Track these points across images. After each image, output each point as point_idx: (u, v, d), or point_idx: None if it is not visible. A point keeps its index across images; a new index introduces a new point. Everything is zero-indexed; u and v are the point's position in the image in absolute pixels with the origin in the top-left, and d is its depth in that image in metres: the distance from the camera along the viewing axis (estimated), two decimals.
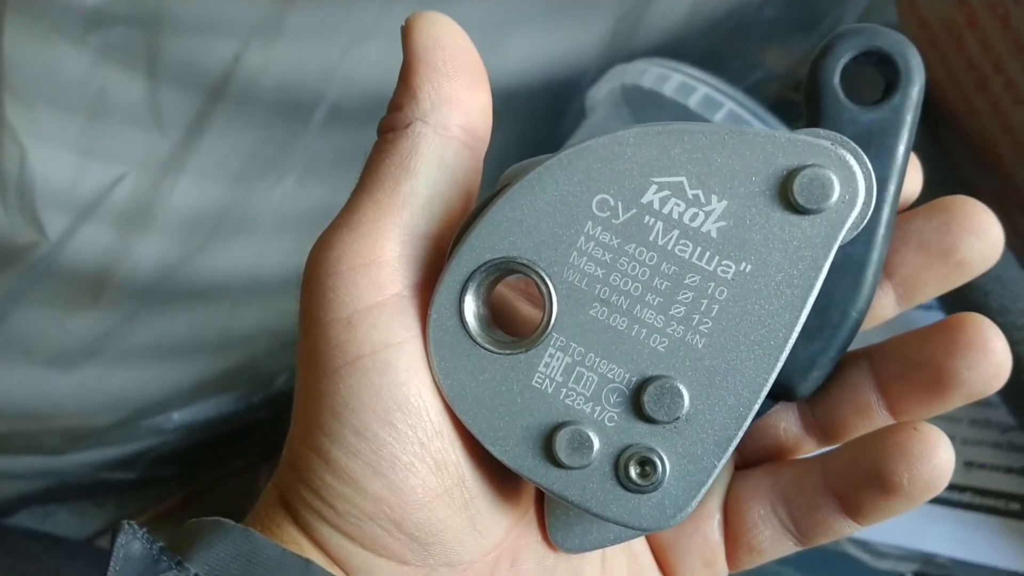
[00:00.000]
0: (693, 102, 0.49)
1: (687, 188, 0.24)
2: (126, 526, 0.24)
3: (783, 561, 0.52)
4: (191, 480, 0.70)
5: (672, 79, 0.49)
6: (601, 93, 0.54)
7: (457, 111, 0.25)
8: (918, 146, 0.53)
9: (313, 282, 0.24)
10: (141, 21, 0.49)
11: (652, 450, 0.24)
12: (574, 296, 0.24)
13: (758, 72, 0.61)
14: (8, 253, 0.54)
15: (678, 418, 0.24)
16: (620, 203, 0.24)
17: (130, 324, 0.59)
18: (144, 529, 0.24)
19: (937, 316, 0.53)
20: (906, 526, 0.50)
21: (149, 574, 0.24)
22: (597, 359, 0.24)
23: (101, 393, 0.62)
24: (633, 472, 0.24)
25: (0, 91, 0.50)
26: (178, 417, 0.64)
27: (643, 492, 0.24)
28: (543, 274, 0.24)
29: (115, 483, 0.68)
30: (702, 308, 0.24)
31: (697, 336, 0.24)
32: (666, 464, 0.24)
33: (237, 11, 0.49)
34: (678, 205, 0.24)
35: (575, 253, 0.24)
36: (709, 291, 0.24)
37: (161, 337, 0.61)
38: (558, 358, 0.24)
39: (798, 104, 0.65)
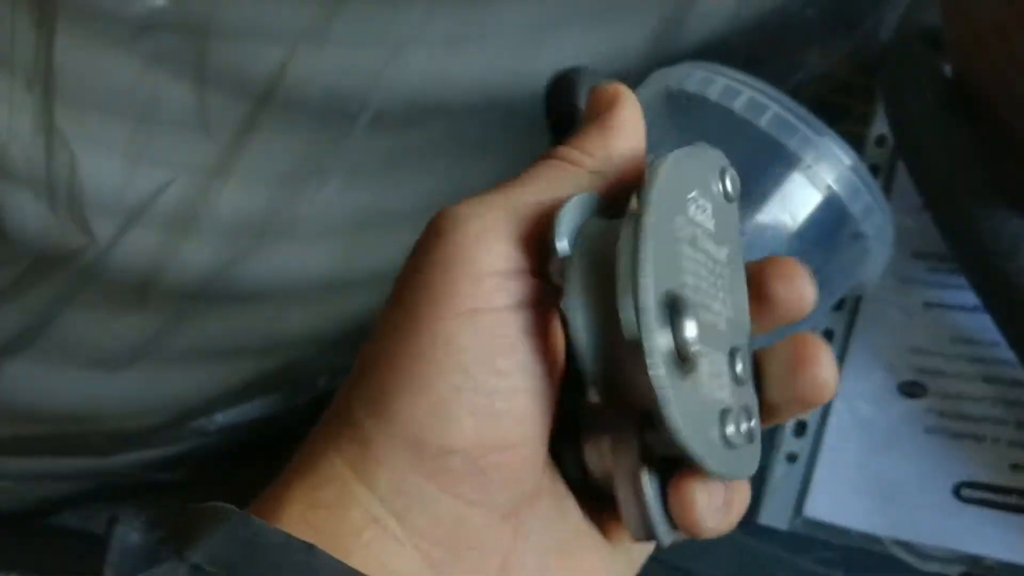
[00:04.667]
0: (738, 106, 0.49)
1: (699, 198, 0.28)
2: (122, 517, 0.25)
3: (829, 563, 0.52)
4: (234, 480, 0.71)
5: (717, 83, 0.50)
6: (643, 97, 0.54)
7: (623, 185, 0.29)
8: (967, 148, 0.53)
9: (450, 239, 0.27)
10: (190, 28, 0.50)
11: (751, 407, 0.28)
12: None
13: (799, 73, 0.61)
14: (58, 257, 0.54)
15: (749, 376, 0.28)
16: (682, 220, 0.28)
17: (176, 327, 0.59)
18: (142, 518, 0.25)
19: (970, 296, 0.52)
20: (953, 528, 0.50)
21: (147, 565, 0.24)
22: (714, 351, 0.27)
23: (147, 395, 0.63)
24: (744, 429, 0.27)
25: (51, 98, 0.50)
26: (222, 419, 0.65)
27: (748, 445, 0.27)
28: None
29: (160, 483, 0.68)
30: (726, 287, 0.28)
31: (731, 310, 0.28)
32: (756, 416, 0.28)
33: (285, 18, 0.50)
34: (698, 212, 0.28)
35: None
36: (723, 274, 0.29)
37: (206, 340, 0.61)
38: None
39: (839, 104, 0.65)
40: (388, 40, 0.51)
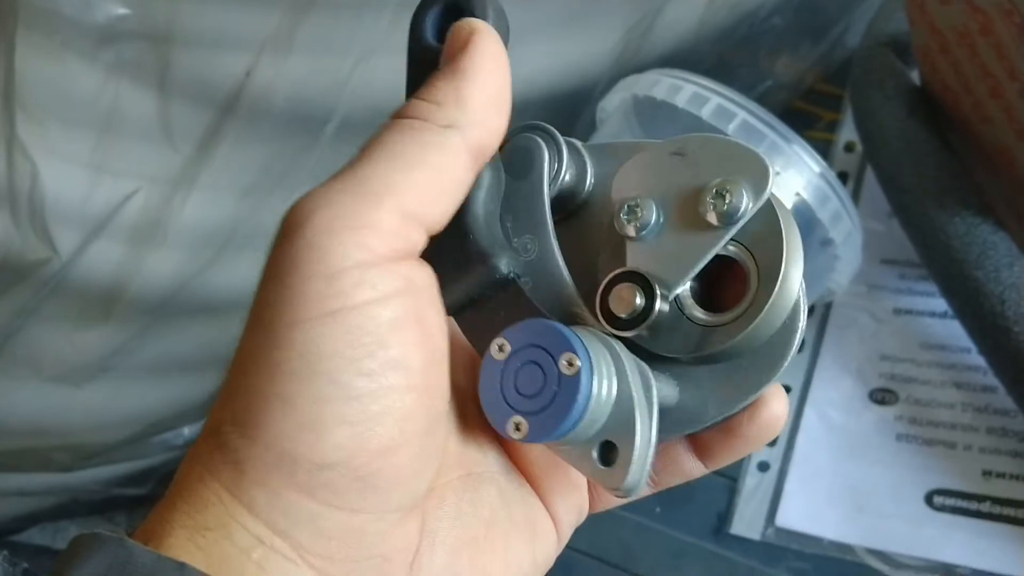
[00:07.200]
0: (706, 113, 0.49)
1: None
2: None
3: (801, 572, 0.51)
4: None
5: (685, 90, 0.49)
6: (612, 104, 0.54)
7: (486, 133, 0.27)
8: (935, 154, 0.53)
9: (298, 236, 0.25)
10: (152, 37, 0.49)
11: None
12: None
13: (767, 81, 0.61)
14: (20, 269, 0.53)
15: None
16: None
17: (141, 340, 0.58)
18: (5, 552, 0.24)
19: (939, 302, 0.52)
20: (925, 536, 0.50)
21: None
22: None
23: (112, 409, 0.62)
24: None
25: (12, 108, 0.50)
26: (188, 432, 0.64)
27: None
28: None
29: (126, 499, 0.67)
30: None
31: None
32: None
33: (248, 27, 0.49)
34: None
35: None
36: None
37: (172, 353, 0.60)
38: None
39: (807, 111, 0.65)
40: (354, 48, 0.51)
